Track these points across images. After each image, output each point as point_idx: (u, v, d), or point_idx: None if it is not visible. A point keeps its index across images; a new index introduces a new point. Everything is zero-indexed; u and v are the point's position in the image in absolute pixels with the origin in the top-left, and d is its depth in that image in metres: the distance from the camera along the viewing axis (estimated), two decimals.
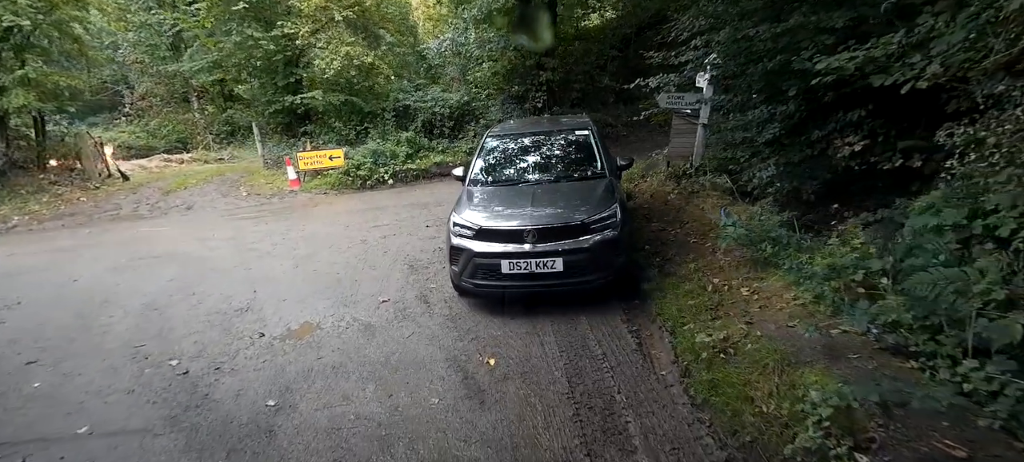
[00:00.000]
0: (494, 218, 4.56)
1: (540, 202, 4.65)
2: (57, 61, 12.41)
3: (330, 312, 4.99)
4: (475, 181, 5.37)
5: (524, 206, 4.61)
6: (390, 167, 12.85)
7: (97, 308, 5.34)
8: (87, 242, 8.47)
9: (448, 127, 14.15)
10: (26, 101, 10.52)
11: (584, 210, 4.48)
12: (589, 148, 5.39)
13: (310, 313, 4.99)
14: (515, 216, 4.54)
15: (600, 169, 5.16)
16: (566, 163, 5.38)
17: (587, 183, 5.02)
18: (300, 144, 13.82)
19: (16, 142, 11.85)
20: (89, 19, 13.18)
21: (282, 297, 5.45)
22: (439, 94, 14.44)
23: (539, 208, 4.56)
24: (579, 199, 4.75)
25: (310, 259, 6.79)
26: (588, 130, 5.57)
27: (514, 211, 4.62)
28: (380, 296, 5.32)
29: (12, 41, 10.69)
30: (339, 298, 5.32)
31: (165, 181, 14.01)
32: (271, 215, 10.04)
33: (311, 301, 5.29)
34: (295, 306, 5.18)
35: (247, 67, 13.68)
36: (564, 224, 4.35)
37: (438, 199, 10.63)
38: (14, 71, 10.49)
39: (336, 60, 12.19)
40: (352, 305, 5.12)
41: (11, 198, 10.66)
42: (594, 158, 5.28)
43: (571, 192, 4.88)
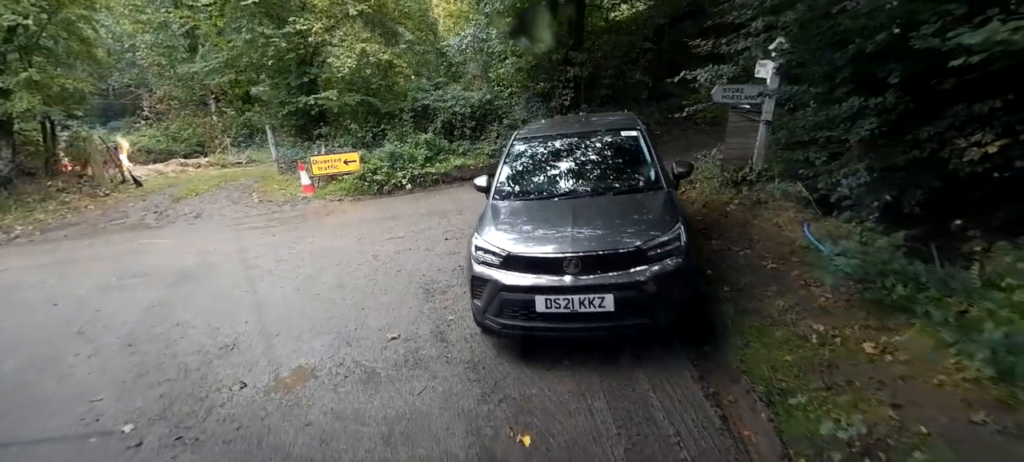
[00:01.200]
0: (526, 242, 3.65)
1: (582, 221, 3.71)
2: (65, 63, 12.04)
3: (328, 353, 4.15)
4: (501, 193, 4.45)
5: (563, 227, 3.68)
6: (408, 171, 12.07)
7: (67, 342, 4.63)
8: (83, 256, 7.89)
9: (469, 128, 13.30)
10: (31, 104, 10.09)
11: (640, 232, 3.53)
12: (640, 153, 4.41)
13: (305, 354, 4.16)
14: (552, 239, 3.61)
15: (654, 179, 4.18)
16: (612, 172, 4.41)
17: (640, 197, 4.06)
18: (315, 147, 13.18)
19: (24, 147, 11.50)
20: (97, 19, 12.77)
21: (276, 330, 4.65)
22: (460, 93, 13.60)
23: (582, 229, 3.63)
24: (632, 218, 3.79)
25: (314, 280, 6.00)
26: (637, 131, 4.60)
27: (550, 233, 3.70)
28: (389, 331, 4.46)
29: (16, 42, 10.27)
30: (341, 333, 4.49)
31: (178, 187, 13.55)
32: (280, 225, 9.34)
33: (308, 337, 4.47)
34: (289, 343, 4.37)
35: (259, 67, 13.09)
36: (615, 251, 3.41)
37: (458, 206, 9.78)
38: (18, 73, 10.08)
39: (351, 58, 11.46)
40: (355, 343, 4.28)
41: (17, 206, 10.26)
42: (647, 165, 4.31)
43: (621, 209, 3.93)
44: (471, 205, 9.70)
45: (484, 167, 12.93)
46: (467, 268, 4.05)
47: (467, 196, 10.85)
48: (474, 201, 10.35)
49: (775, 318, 3.52)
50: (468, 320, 4.48)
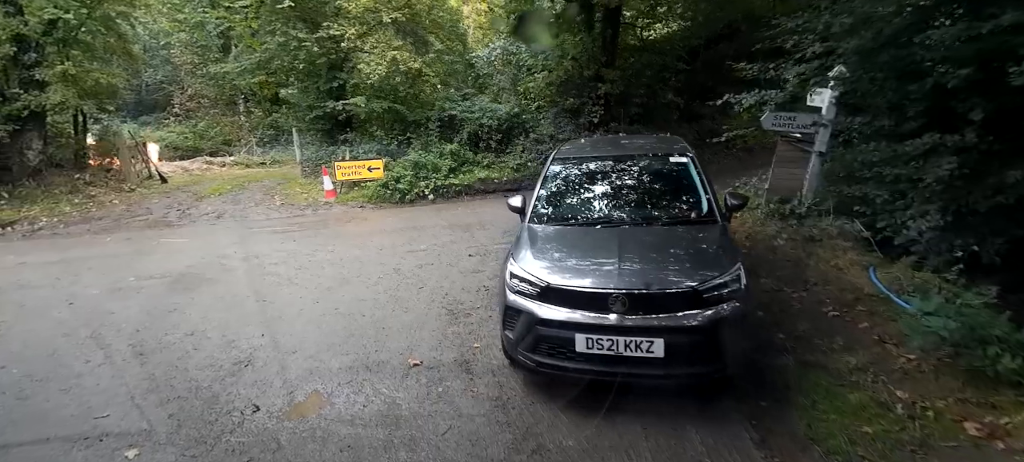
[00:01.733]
0: (567, 273, 3.33)
1: (630, 254, 3.39)
2: (101, 58, 12.21)
3: (346, 376, 3.88)
4: (539, 216, 4.13)
5: (608, 258, 3.36)
6: (431, 181, 11.89)
7: (77, 348, 4.45)
8: (102, 252, 7.81)
9: (495, 140, 13.08)
10: (65, 97, 10.18)
11: (695, 271, 3.20)
12: (690, 181, 4.08)
13: (321, 376, 3.89)
14: (595, 272, 3.30)
15: (707, 211, 3.83)
16: (661, 200, 4.07)
17: (693, 230, 3.72)
18: (339, 152, 13.12)
19: (55, 139, 11.64)
20: (135, 15, 12.96)
21: (293, 347, 4.40)
22: (487, 104, 13.42)
23: (630, 262, 3.30)
24: (686, 253, 3.46)
25: (334, 292, 5.77)
26: (687, 157, 4.26)
27: (594, 265, 3.39)
28: (411, 355, 4.18)
29: (55, 35, 10.41)
30: (360, 354, 4.22)
31: (202, 185, 13.59)
32: (300, 230, 9.19)
33: (326, 356, 4.21)
34: (305, 363, 4.11)
35: (290, 70, 13.12)
36: (667, 290, 3.08)
37: (482, 220, 9.53)
38: (55, 66, 10.20)
39: (382, 65, 11.37)
40: (375, 368, 4.00)
41: (44, 198, 10.32)
42: (699, 195, 3.97)
43: (672, 242, 3.59)
44: (495, 221, 9.44)
45: (509, 181, 12.69)
46: (499, 295, 3.75)
47: (490, 210, 10.60)
48: (497, 217, 10.10)
49: (846, 378, 3.13)
50: (495, 350, 4.17)
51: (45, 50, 10.47)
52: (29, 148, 10.54)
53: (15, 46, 9.95)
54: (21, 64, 10.18)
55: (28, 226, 9.34)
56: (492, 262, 6.72)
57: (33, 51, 10.29)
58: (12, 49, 9.88)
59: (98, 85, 11.28)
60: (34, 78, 10.18)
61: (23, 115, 10.12)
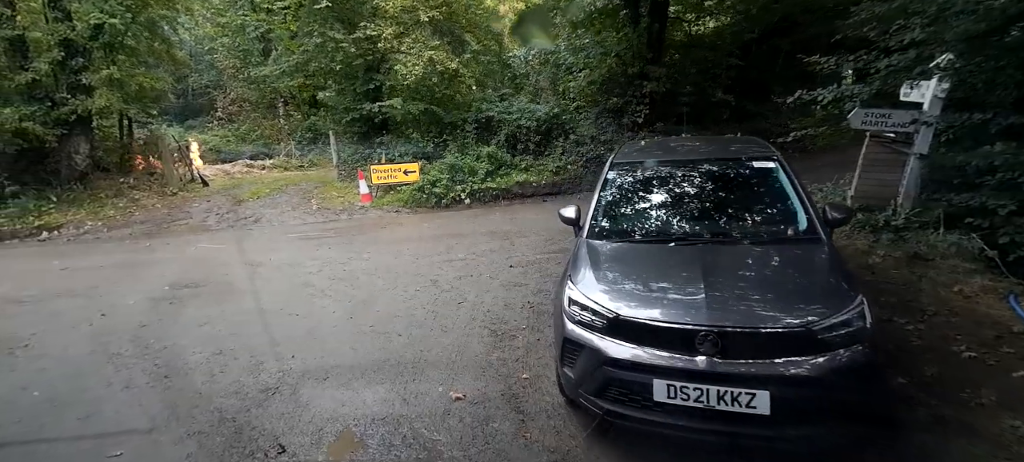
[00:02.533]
0: (640, 302, 2.78)
1: (718, 280, 2.80)
2: (146, 62, 12.42)
3: (381, 410, 3.44)
4: (600, 231, 3.55)
5: (691, 285, 2.78)
6: (468, 185, 11.50)
7: (102, 367, 4.20)
8: (141, 258, 7.75)
9: (534, 142, 12.57)
10: (110, 101, 10.33)
11: (806, 304, 2.59)
12: (781, 190, 3.43)
13: (354, 410, 3.46)
14: (677, 302, 2.73)
15: (807, 227, 3.18)
16: (747, 213, 3.44)
17: (792, 250, 3.09)
18: (375, 155, 12.92)
19: (102, 143, 11.89)
20: (179, 21, 13.15)
21: (324, 371, 4.01)
22: (525, 105, 12.94)
23: (719, 290, 2.71)
24: (789, 280, 2.85)
25: (368, 306, 5.38)
26: (774, 161, 3.61)
27: (674, 293, 2.81)
28: (452, 386, 3.71)
29: (102, 39, 10.58)
30: (396, 383, 3.78)
31: (241, 188, 13.66)
32: (336, 236, 8.94)
33: (359, 385, 3.79)
34: (337, 392, 3.69)
35: (327, 72, 13.01)
36: (773, 328, 2.49)
37: (521, 227, 9.04)
38: (101, 71, 10.36)
39: (418, 65, 11.05)
40: (412, 401, 3.54)
41: (90, 201, 10.49)
42: (793, 207, 3.31)
43: (769, 265, 2.98)
44: (536, 228, 8.93)
45: (548, 184, 12.17)
46: (555, 323, 3.23)
47: (530, 216, 10.10)
48: (538, 223, 9.59)
49: (1013, 450, 2.44)
50: (547, 384, 3.65)
51: (92, 55, 10.67)
52: (77, 152, 10.76)
53: (63, 51, 10.16)
54: (69, 69, 10.40)
55: (74, 230, 9.46)
56: (535, 275, 6.22)
57: (80, 56, 10.49)
58: (60, 54, 10.09)
59: (142, 89, 11.46)
60: (81, 83, 10.38)
61: (70, 120, 10.33)
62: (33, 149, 10.02)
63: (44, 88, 10.19)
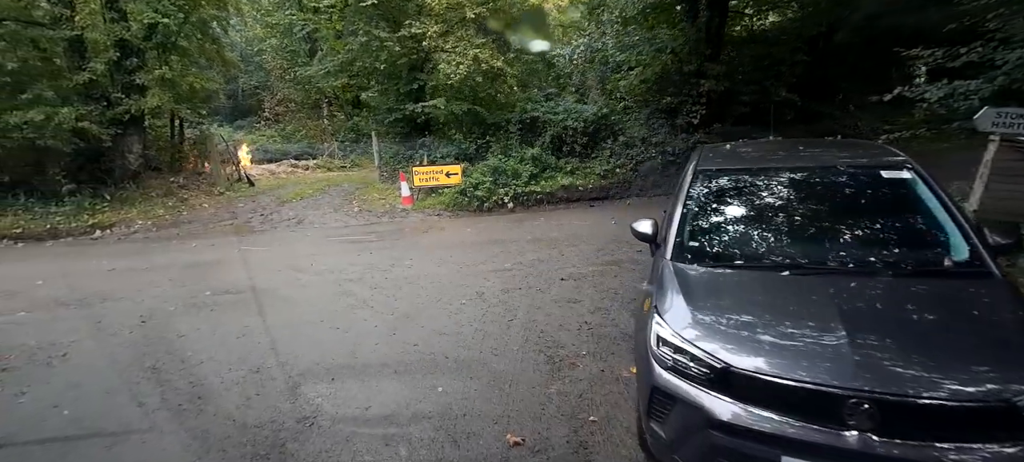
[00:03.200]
0: (758, 350, 2.20)
1: (862, 323, 2.19)
2: (197, 63, 12.64)
3: (429, 455, 3.00)
4: (688, 253, 2.96)
5: (823, 329, 2.19)
6: (511, 188, 11.06)
7: (136, 383, 3.96)
8: (186, 260, 7.68)
9: (580, 144, 11.99)
10: (161, 101, 10.49)
11: (996, 364, 1.97)
12: (924, 207, 2.76)
13: (398, 451, 3.04)
14: (810, 352, 2.15)
15: (969, 255, 2.51)
16: (884, 236, 2.78)
17: (956, 286, 2.44)
18: (417, 156, 12.67)
19: (154, 143, 12.15)
20: (230, 22, 13.34)
21: (366, 399, 3.62)
22: (572, 105, 12.38)
23: (865, 337, 2.10)
24: (963, 328, 2.22)
25: (412, 321, 5.00)
26: (909, 171, 2.94)
27: (804, 339, 2.22)
28: (508, 426, 3.23)
29: (155, 40, 10.77)
30: (446, 419, 3.33)
31: (285, 188, 13.71)
32: (377, 240, 8.67)
33: (404, 418, 3.37)
34: (380, 428, 3.28)
35: (371, 72, 12.88)
36: (959, 400, 1.88)
37: (568, 234, 8.51)
38: (153, 71, 10.53)
39: (463, 64, 10.70)
40: (463, 443, 3.09)
41: (142, 200, 10.68)
42: (944, 229, 2.65)
43: (929, 306, 2.34)
44: (584, 234, 8.37)
45: (595, 188, 11.56)
46: (639, 366, 2.69)
47: (577, 223, 9.54)
48: (586, 230, 9.02)
49: None
50: (620, 431, 3.13)
51: (145, 55, 10.88)
52: (130, 151, 11.01)
53: (118, 51, 10.38)
54: (123, 69, 10.62)
55: (125, 229, 9.60)
56: (589, 289, 5.70)
57: (135, 56, 10.71)
58: (115, 54, 10.31)
59: (193, 89, 11.63)
60: (135, 83, 10.59)
61: (124, 119, 10.54)
62: (89, 148, 10.29)
63: (100, 88, 10.45)
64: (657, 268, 3.04)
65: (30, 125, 8.85)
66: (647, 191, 11.50)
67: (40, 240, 9.12)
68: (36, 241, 9.07)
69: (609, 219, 9.54)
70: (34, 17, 9.57)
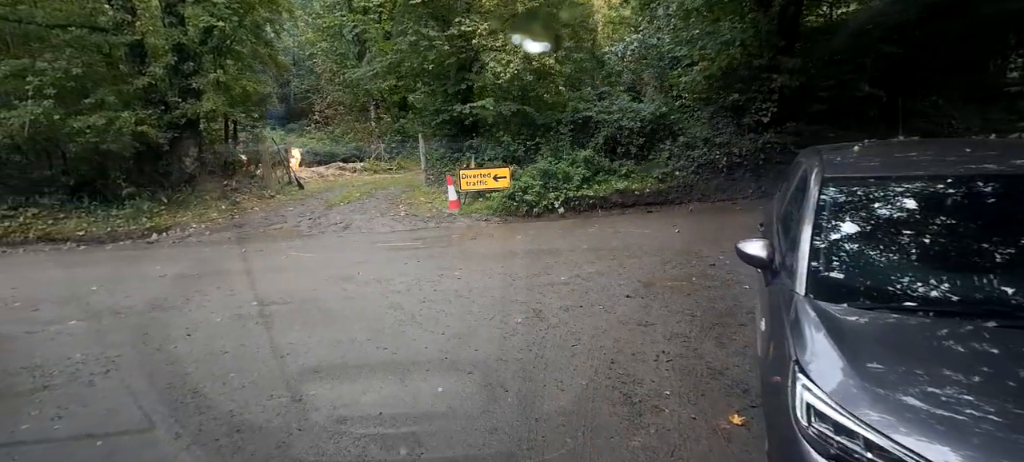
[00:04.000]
0: (988, 448, 1.54)
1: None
2: (250, 67, 12.82)
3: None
4: (832, 287, 2.27)
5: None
6: (562, 192, 10.51)
7: (176, 407, 3.68)
8: (235, 266, 7.59)
9: (636, 145, 11.27)
10: (215, 105, 10.61)
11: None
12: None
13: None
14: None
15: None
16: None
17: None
18: (464, 159, 12.33)
19: (209, 147, 12.39)
20: (281, 23, 13.46)
21: (417, 447, 3.15)
22: (627, 104, 11.66)
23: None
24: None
25: (464, 343, 4.54)
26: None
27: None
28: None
29: (211, 44, 10.92)
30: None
31: (333, 192, 13.70)
32: (425, 247, 8.32)
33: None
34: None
35: (419, 72, 12.64)
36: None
37: (627, 243, 7.87)
38: (208, 75, 10.67)
39: (513, 62, 10.23)
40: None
41: (196, 203, 10.85)
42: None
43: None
44: (644, 244, 7.70)
45: (652, 192, 10.80)
46: (782, 449, 2.05)
47: (634, 230, 8.85)
48: (645, 239, 8.34)
49: None
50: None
51: (201, 59, 11.05)
52: (186, 155, 11.23)
53: (176, 56, 10.58)
54: (181, 73, 10.83)
55: (179, 232, 9.71)
56: (660, 309, 5.06)
57: (191, 60, 10.89)
58: (173, 59, 10.51)
59: (246, 93, 11.76)
60: (191, 87, 10.76)
61: (181, 123, 10.74)
62: (148, 152, 10.53)
63: (158, 92, 10.70)
64: (783, 305, 2.39)
65: (93, 129, 9.08)
66: (710, 196, 10.65)
67: (101, 243, 9.34)
68: (97, 244, 9.30)
69: (670, 226, 8.81)
70: (99, 23, 9.86)
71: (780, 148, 10.67)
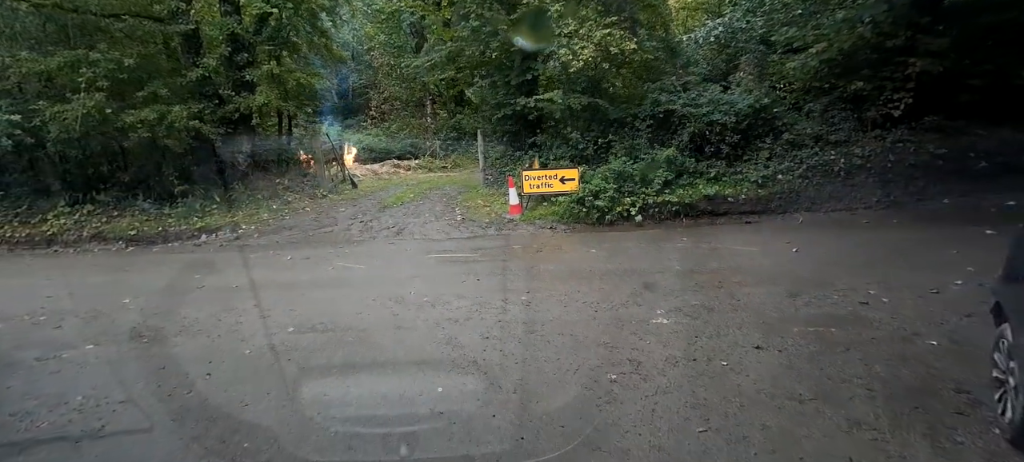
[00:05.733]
0: None
1: None
2: (305, 58, 12.26)
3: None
4: None
5: None
6: (639, 197, 9.13)
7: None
8: (278, 279, 6.84)
9: (729, 143, 9.66)
10: (268, 99, 10.03)
11: None
12: None
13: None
14: None
15: None
16: None
17: None
18: (526, 158, 11.18)
19: (263, 143, 11.93)
20: (337, 11, 12.82)
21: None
22: (718, 95, 10.04)
23: None
24: None
25: (544, 408, 3.40)
26: None
27: None
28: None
29: (265, 33, 10.34)
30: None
31: (387, 191, 12.96)
32: (485, 260, 7.24)
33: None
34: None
35: (480, 62, 11.59)
36: None
37: (733, 265, 6.47)
38: (261, 67, 10.11)
39: (587, 47, 8.93)
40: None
41: (248, 202, 10.36)
42: None
43: None
44: (755, 269, 6.21)
45: (749, 200, 9.17)
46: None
47: (735, 246, 7.34)
48: (754, 261, 6.81)
49: None
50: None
51: (256, 50, 10.52)
52: (240, 151, 10.79)
53: (230, 46, 10.09)
54: (234, 65, 10.33)
55: (229, 233, 9.20)
56: (811, 372, 3.72)
57: (245, 51, 10.38)
58: (227, 49, 10.02)
59: (300, 86, 11.17)
60: (244, 79, 10.25)
61: (234, 118, 10.27)
62: (201, 148, 10.14)
63: (212, 85, 10.26)
64: None
65: (145, 124, 8.70)
66: (821, 205, 8.89)
67: (151, 243, 8.98)
68: (147, 244, 8.94)
69: (783, 243, 7.24)
70: (154, 12, 9.49)
71: (914, 147, 8.75)
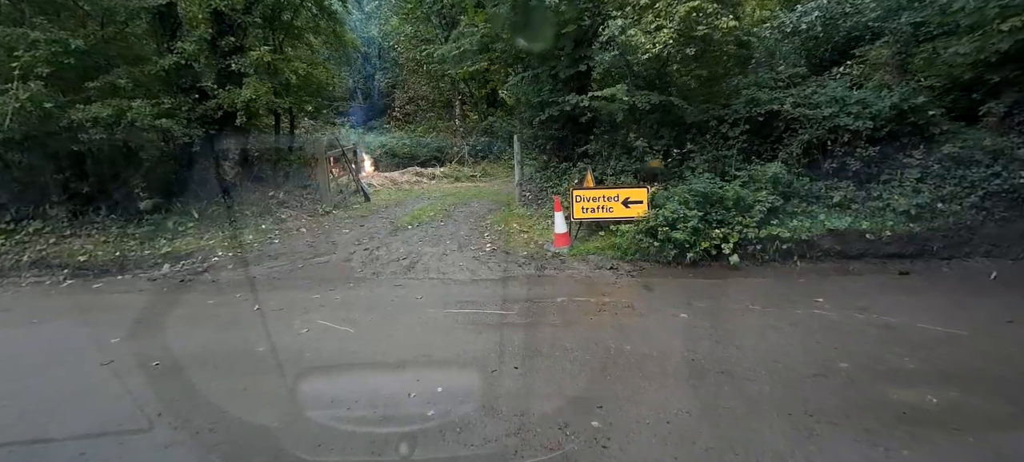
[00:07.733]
0: None
1: None
2: (308, 45, 10.32)
3: None
4: None
5: None
6: (733, 229, 6.68)
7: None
8: (230, 343, 4.71)
9: (860, 158, 7.07)
10: (257, 93, 8.05)
11: None
12: None
13: None
14: None
15: None
16: None
17: None
18: (574, 171, 8.89)
19: (254, 148, 10.04)
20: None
21: None
22: (845, 92, 7.46)
23: None
24: None
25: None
26: None
27: None
28: None
29: (257, 10, 8.37)
30: None
31: (404, 206, 10.88)
32: (524, 325, 4.91)
33: None
34: None
35: (516, 55, 9.35)
36: None
37: (926, 359, 3.90)
38: (251, 53, 8.14)
39: (667, 26, 6.55)
40: None
41: (232, 221, 8.41)
42: None
43: None
44: (976, 376, 3.68)
45: (895, 238, 6.58)
46: None
47: (913, 323, 4.57)
48: (958, 360, 4.21)
49: None
50: None
51: (246, 34, 8.58)
52: (224, 158, 8.91)
53: (213, 27, 8.18)
54: (219, 51, 8.41)
55: (200, 262, 7.25)
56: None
57: (231, 34, 8.45)
58: (210, 31, 8.11)
59: (302, 80, 9.18)
60: (230, 69, 8.33)
61: (217, 116, 8.36)
62: (177, 153, 8.27)
63: (192, 75, 8.36)
64: None
65: (99, 123, 6.85)
66: (1009, 249, 6.23)
67: (104, 272, 7.10)
68: (98, 274, 7.06)
69: (993, 316, 4.66)
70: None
71: None
